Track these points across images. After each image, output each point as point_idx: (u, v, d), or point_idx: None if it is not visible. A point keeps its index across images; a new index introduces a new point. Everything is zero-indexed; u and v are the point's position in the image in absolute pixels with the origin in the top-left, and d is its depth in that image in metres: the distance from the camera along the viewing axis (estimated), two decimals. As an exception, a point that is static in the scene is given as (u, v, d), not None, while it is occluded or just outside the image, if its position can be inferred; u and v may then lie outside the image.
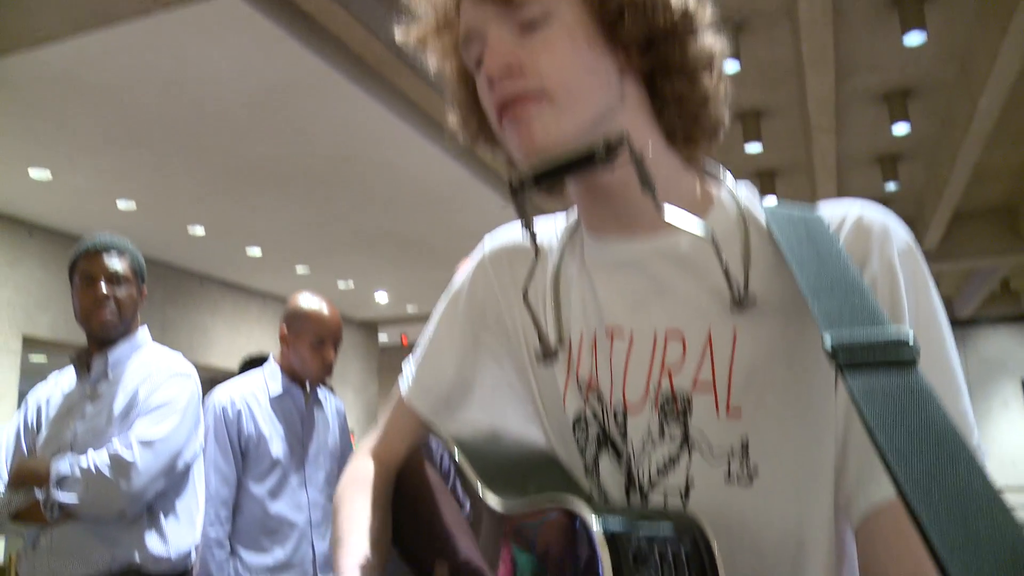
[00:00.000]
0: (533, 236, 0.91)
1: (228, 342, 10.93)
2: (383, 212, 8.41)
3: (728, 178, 0.93)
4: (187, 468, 2.48)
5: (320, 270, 10.84)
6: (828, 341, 0.67)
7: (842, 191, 9.39)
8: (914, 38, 5.86)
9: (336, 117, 6.08)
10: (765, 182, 9.35)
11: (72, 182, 7.24)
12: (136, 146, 6.53)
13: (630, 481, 0.86)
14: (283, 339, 3.13)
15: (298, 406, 3.11)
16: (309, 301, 3.15)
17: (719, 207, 0.90)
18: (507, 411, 1.01)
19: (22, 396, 8.25)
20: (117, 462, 2.25)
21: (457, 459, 0.89)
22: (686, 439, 0.83)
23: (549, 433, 0.96)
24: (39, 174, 6.98)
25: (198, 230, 8.81)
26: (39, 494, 2.28)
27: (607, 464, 0.88)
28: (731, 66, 6.03)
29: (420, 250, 10.01)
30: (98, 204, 7.84)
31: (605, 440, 0.89)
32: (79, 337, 7.95)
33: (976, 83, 6.48)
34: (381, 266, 10.82)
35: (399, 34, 0.97)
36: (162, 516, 2.40)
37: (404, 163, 7.05)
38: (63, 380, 2.64)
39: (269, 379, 3.11)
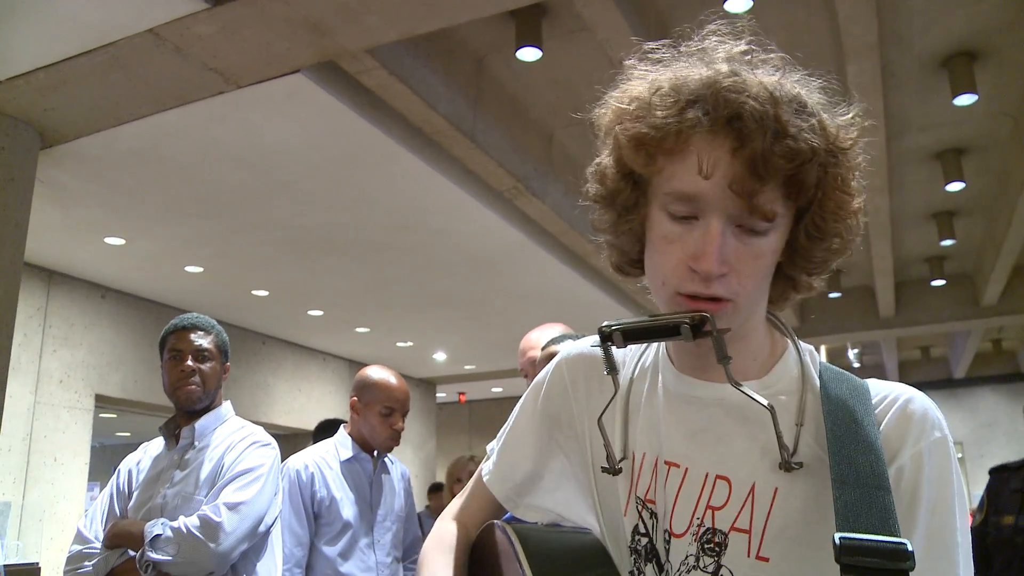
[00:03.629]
0: (616, 377, 1.02)
1: (289, 400, 11.13)
2: (441, 275, 8.57)
3: (794, 335, 1.02)
4: (267, 531, 2.62)
5: (380, 330, 11.01)
6: (837, 539, 0.77)
7: (897, 248, 9.34)
8: (965, 99, 5.90)
9: (396, 186, 6.27)
10: (819, 240, 9.34)
11: (144, 248, 7.52)
12: (205, 215, 6.78)
13: None
14: (353, 408, 3.27)
15: (367, 472, 3.25)
16: (378, 372, 3.29)
17: (783, 364, 0.99)
18: (570, 502, 1.12)
19: (94, 451, 8.51)
20: (207, 524, 2.40)
21: (517, 551, 0.99)
22: (717, 572, 0.92)
23: (604, 529, 1.07)
24: (113, 241, 7.30)
25: (262, 292, 9.07)
26: (133, 554, 2.44)
27: (651, 573, 0.99)
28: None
29: (478, 311, 10.15)
30: (168, 269, 8.11)
31: (652, 552, 0.99)
32: (147, 396, 8.16)
33: (1030, 141, 6.48)
34: (439, 326, 10.96)
35: (596, 114, 0.99)
36: (244, 577, 2.55)
37: (462, 228, 7.22)
38: (152, 448, 2.83)
39: (340, 446, 3.25)
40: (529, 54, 5.04)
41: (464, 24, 4.70)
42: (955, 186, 7.53)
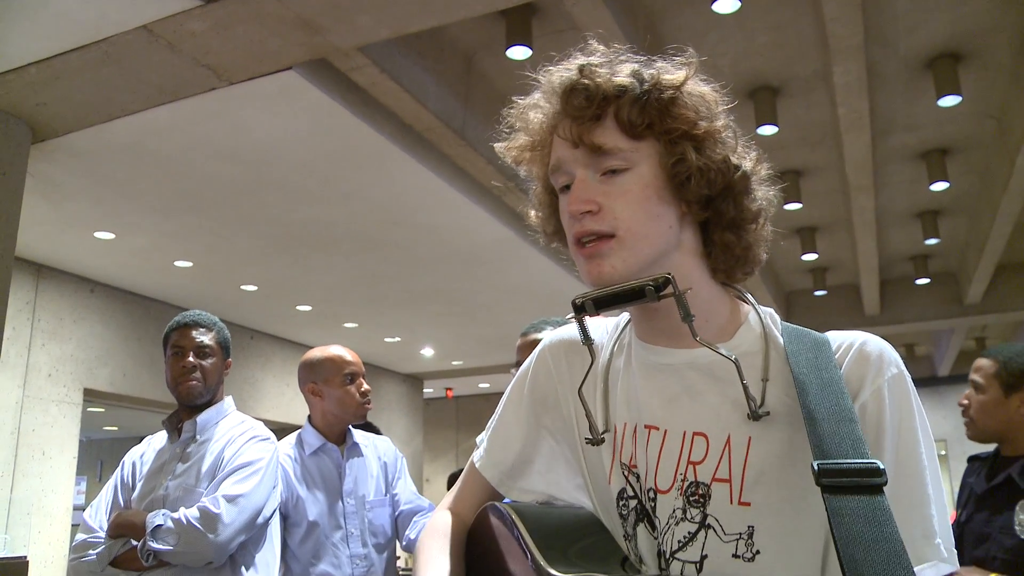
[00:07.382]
0: (591, 346, 1.10)
1: (277, 395, 11.14)
2: (430, 271, 8.61)
3: (755, 302, 1.10)
4: (266, 523, 2.68)
5: (368, 325, 11.03)
6: (815, 466, 0.86)
7: (882, 246, 9.42)
8: (949, 100, 5.97)
9: (386, 182, 6.30)
10: (806, 238, 9.42)
11: (134, 243, 7.52)
12: (195, 210, 6.79)
13: (659, 550, 1.03)
14: (313, 393, 3.13)
15: (335, 460, 3.09)
16: (321, 350, 3.21)
17: (747, 327, 1.07)
18: (561, 481, 1.18)
19: (81, 446, 8.51)
20: (206, 515, 2.46)
21: (517, 526, 1.05)
22: (704, 521, 0.99)
23: (595, 502, 1.14)
24: (103, 235, 7.30)
25: (251, 287, 9.08)
26: (135, 543, 2.50)
27: (643, 533, 1.05)
28: (769, 130, 6.18)
29: (465, 307, 10.19)
30: (157, 263, 8.11)
31: (643, 513, 1.05)
32: (136, 391, 8.12)
33: (1013, 141, 6.55)
34: (427, 322, 10.99)
35: (498, 147, 1.18)
36: (243, 568, 2.60)
37: (450, 224, 7.26)
38: (156, 441, 2.89)
39: (304, 440, 3.12)
40: (519, 52, 5.08)
41: (455, 23, 4.74)
42: (939, 186, 7.62)
